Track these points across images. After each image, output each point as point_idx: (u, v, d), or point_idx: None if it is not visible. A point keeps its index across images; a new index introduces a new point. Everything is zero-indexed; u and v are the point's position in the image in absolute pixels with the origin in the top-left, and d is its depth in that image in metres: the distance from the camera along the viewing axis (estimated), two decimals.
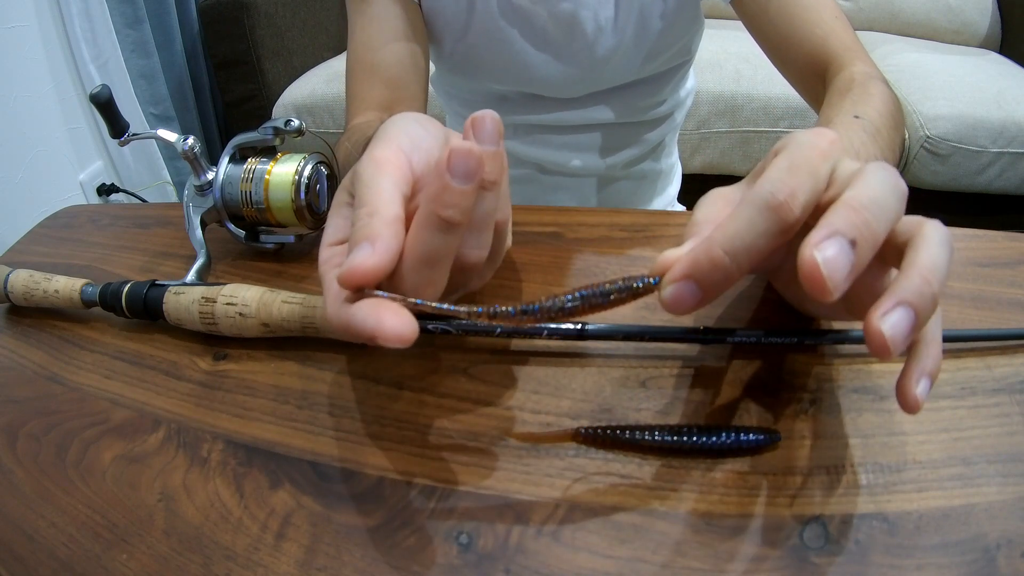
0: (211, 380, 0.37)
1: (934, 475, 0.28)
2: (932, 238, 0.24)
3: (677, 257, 0.26)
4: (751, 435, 0.29)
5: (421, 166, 0.30)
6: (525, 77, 0.66)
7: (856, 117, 0.43)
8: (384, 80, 0.60)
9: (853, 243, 0.23)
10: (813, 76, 0.55)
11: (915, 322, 0.22)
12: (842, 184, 0.26)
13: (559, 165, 0.74)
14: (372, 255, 0.25)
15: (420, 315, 0.26)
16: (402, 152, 0.29)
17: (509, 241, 0.34)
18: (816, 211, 0.25)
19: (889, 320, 0.22)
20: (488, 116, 0.27)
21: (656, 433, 0.30)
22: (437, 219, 0.25)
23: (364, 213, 0.27)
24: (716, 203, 0.30)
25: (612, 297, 0.27)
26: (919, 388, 0.24)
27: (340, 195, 0.32)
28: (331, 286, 0.27)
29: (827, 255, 0.22)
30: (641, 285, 0.27)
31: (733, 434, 0.29)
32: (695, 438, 0.29)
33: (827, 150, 0.26)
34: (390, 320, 0.25)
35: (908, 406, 0.24)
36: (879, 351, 0.22)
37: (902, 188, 0.25)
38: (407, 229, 0.27)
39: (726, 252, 0.24)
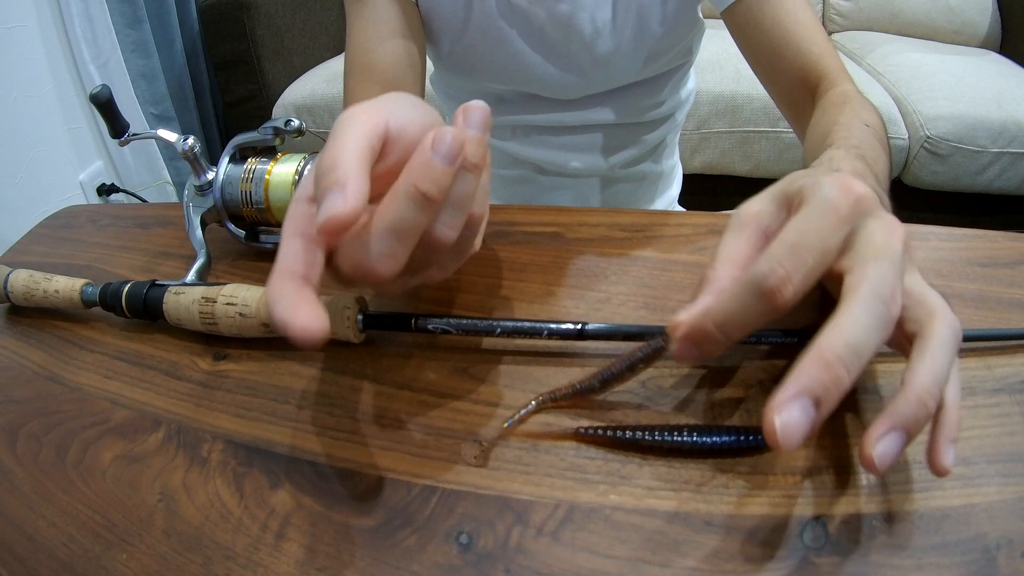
0: (211, 380, 0.37)
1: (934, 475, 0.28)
2: (936, 339, 0.26)
3: (688, 317, 0.28)
4: (751, 435, 0.29)
5: (397, 127, 0.29)
6: (524, 77, 0.66)
7: (866, 125, 0.44)
8: (380, 80, 0.60)
9: (817, 402, 0.24)
10: (802, 90, 0.56)
11: (906, 442, 0.25)
12: (857, 259, 0.26)
13: (558, 166, 0.74)
14: (344, 201, 0.25)
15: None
16: (380, 110, 0.29)
17: (479, 243, 0.34)
18: (830, 274, 0.27)
19: (881, 446, 0.24)
20: (478, 105, 0.28)
21: (656, 433, 0.30)
22: (414, 190, 0.26)
23: (328, 159, 0.26)
24: (742, 239, 0.30)
25: (639, 366, 0.31)
26: (947, 458, 0.25)
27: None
28: (283, 257, 0.27)
29: (785, 420, 0.23)
30: (657, 348, 0.31)
31: (732, 434, 0.29)
32: (695, 438, 0.29)
33: (847, 215, 0.27)
34: (304, 315, 0.25)
35: (940, 474, 0.26)
36: (868, 469, 0.25)
37: (894, 310, 0.25)
38: (377, 196, 0.27)
39: (718, 327, 0.27)
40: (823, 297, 0.31)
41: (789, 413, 0.24)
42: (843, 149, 0.39)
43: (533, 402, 0.32)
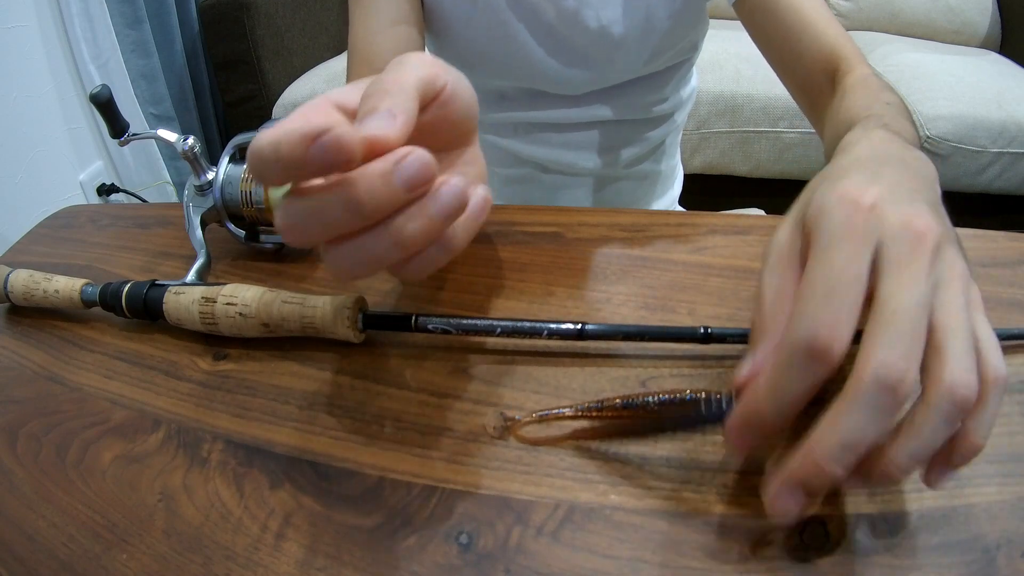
0: (211, 380, 0.37)
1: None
2: (931, 408, 0.22)
3: (746, 378, 0.26)
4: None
5: (450, 91, 0.29)
6: (527, 72, 0.66)
7: (888, 104, 0.43)
8: (381, 69, 0.60)
9: (810, 491, 0.23)
10: (821, 76, 0.55)
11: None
12: (878, 288, 0.23)
13: (560, 164, 0.74)
14: (394, 126, 0.23)
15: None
16: (444, 68, 0.29)
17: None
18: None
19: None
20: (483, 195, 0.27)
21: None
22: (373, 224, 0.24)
23: (385, 83, 0.25)
24: (781, 274, 0.27)
25: (691, 411, 0.30)
26: (936, 481, 0.25)
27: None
28: (293, 118, 0.23)
29: (777, 504, 0.24)
30: (720, 409, 0.28)
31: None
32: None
33: (862, 234, 0.24)
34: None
35: (926, 483, 0.25)
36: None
37: (901, 393, 0.22)
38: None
39: (774, 411, 0.24)
40: None
41: (781, 500, 0.24)
42: (860, 126, 0.37)
43: (568, 409, 0.31)
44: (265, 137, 0.22)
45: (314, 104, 0.25)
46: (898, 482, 0.25)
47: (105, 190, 1.61)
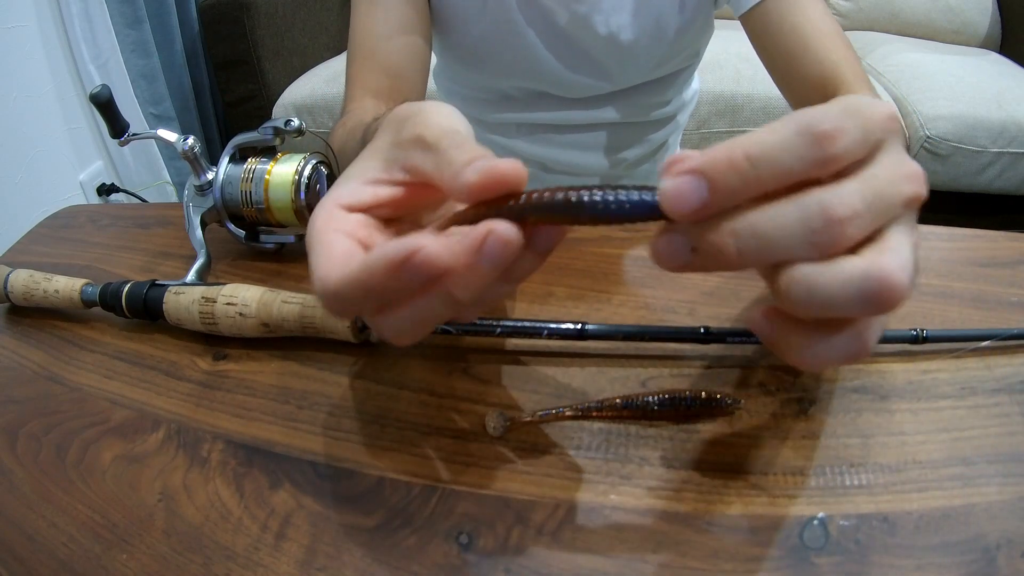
0: (211, 380, 0.37)
1: (934, 475, 0.28)
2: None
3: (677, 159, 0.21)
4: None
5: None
6: (533, 74, 0.66)
7: None
8: (384, 67, 0.60)
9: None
10: (818, 97, 0.55)
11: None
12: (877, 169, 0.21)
13: (563, 164, 0.74)
14: (513, 164, 0.22)
15: None
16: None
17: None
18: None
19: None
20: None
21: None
22: (445, 293, 0.22)
23: (437, 132, 0.24)
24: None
25: (691, 408, 0.31)
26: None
27: (379, 140, 0.28)
28: (334, 245, 0.24)
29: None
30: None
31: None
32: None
33: (885, 123, 0.22)
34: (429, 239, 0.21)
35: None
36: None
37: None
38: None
39: (748, 157, 0.20)
40: None
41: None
42: None
43: (568, 409, 0.32)
44: (338, 279, 0.22)
45: (337, 220, 0.25)
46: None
47: (105, 190, 1.61)
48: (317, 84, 1.70)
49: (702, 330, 0.33)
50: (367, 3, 0.61)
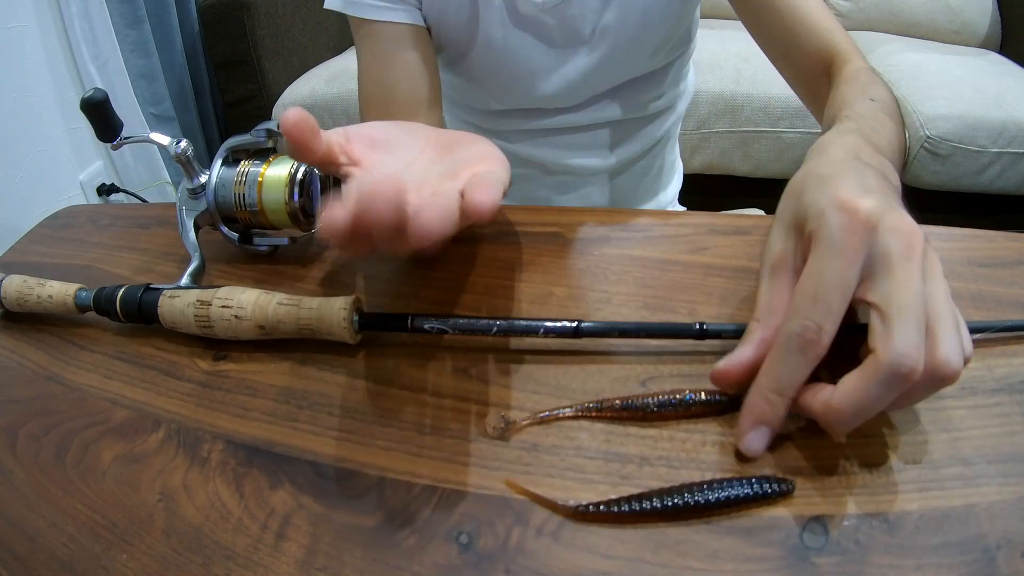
0: (211, 380, 0.37)
1: (934, 475, 0.28)
2: (873, 373, 0.26)
3: (738, 363, 0.30)
4: (765, 485, 0.28)
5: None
6: (528, 90, 0.67)
7: (872, 100, 0.44)
8: (400, 118, 0.60)
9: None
10: (818, 69, 0.56)
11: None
12: (880, 297, 0.27)
13: (563, 165, 0.74)
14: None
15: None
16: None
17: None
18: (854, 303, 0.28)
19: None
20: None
21: (655, 499, 0.28)
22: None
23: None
24: (777, 285, 0.31)
25: (696, 408, 0.32)
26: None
27: None
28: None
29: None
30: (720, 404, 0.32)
31: (743, 485, 0.28)
32: (699, 497, 0.27)
33: (858, 247, 0.28)
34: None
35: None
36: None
37: (914, 378, 0.26)
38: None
39: (777, 394, 0.28)
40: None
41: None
42: (836, 128, 0.39)
43: (568, 409, 0.32)
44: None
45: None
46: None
47: (105, 190, 1.61)
48: (317, 84, 1.70)
49: (697, 326, 0.33)
50: (372, 52, 0.61)
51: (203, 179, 0.45)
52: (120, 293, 0.40)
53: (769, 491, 0.27)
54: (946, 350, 0.26)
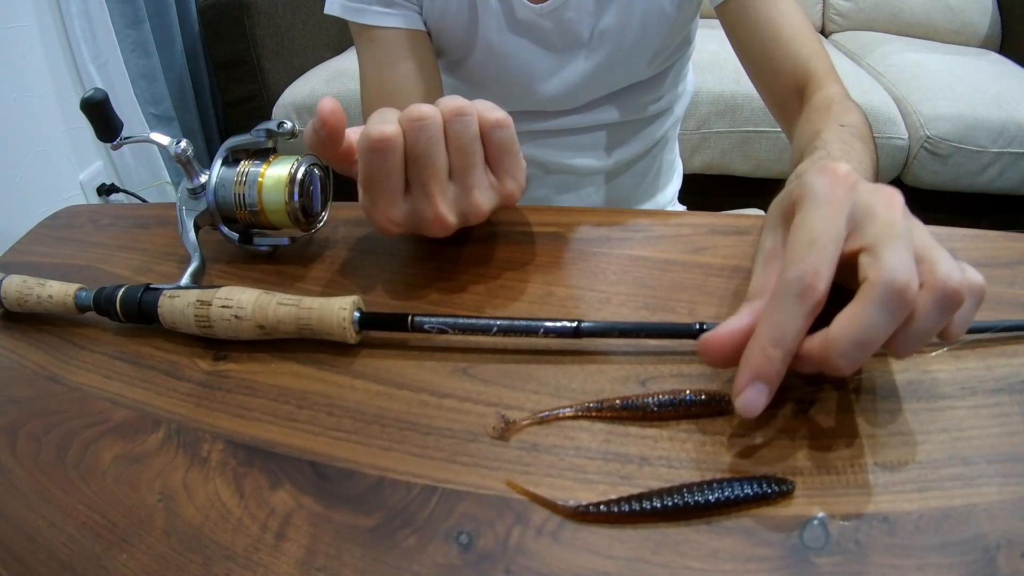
0: (211, 380, 0.37)
1: (934, 475, 0.28)
2: (931, 299, 0.26)
3: (728, 331, 0.29)
4: (765, 485, 0.28)
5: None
6: (528, 94, 0.67)
7: (842, 126, 0.46)
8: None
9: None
10: (792, 91, 0.57)
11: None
12: (868, 240, 0.28)
13: (563, 165, 0.74)
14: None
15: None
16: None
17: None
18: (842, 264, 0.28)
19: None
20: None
21: (655, 499, 0.28)
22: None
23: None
24: (769, 271, 0.31)
25: (693, 409, 0.31)
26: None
27: None
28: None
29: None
30: (719, 401, 0.31)
31: (743, 485, 0.27)
32: (699, 497, 0.27)
33: (844, 195, 0.28)
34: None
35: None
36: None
37: (909, 296, 0.26)
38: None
39: (775, 346, 0.27)
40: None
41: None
42: (807, 161, 0.41)
43: (568, 409, 0.32)
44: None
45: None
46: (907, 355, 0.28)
47: (105, 190, 1.61)
48: (317, 84, 1.70)
49: (697, 325, 0.33)
50: (375, 61, 0.62)
51: (203, 179, 0.45)
52: (120, 293, 0.40)
53: (769, 491, 0.27)
54: (944, 268, 0.26)
